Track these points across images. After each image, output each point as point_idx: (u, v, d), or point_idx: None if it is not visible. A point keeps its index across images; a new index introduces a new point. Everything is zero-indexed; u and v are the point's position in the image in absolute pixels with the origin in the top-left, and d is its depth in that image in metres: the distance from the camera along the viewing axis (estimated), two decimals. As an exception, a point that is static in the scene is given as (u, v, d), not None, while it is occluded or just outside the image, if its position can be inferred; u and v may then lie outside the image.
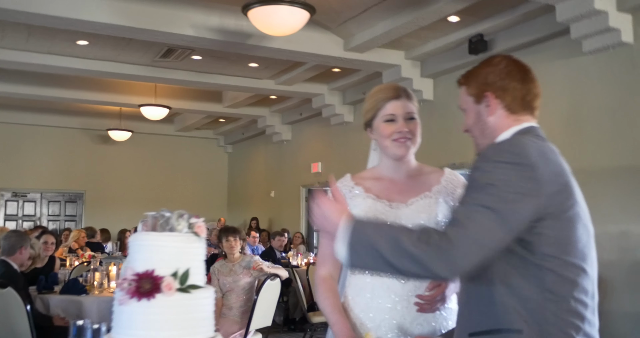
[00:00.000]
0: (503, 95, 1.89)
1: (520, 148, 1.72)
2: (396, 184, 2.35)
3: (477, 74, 1.95)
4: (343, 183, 2.38)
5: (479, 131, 1.94)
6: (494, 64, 1.93)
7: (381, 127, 2.32)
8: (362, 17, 7.47)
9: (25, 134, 14.27)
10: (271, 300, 5.76)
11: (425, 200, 2.30)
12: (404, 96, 2.33)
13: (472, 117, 1.95)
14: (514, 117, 1.89)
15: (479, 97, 1.92)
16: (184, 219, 1.92)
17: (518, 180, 1.66)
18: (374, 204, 2.28)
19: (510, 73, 1.90)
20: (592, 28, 6.18)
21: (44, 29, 7.84)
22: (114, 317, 1.87)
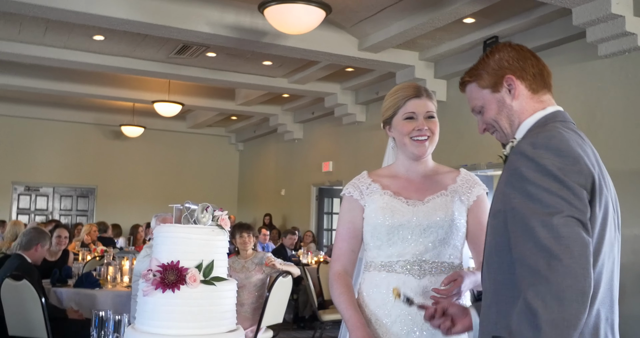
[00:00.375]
0: (524, 74, 1.85)
1: (558, 143, 1.64)
2: (413, 183, 2.37)
3: (485, 64, 1.90)
4: (360, 180, 2.41)
5: (506, 119, 1.86)
6: (501, 50, 1.89)
7: (401, 124, 2.35)
8: (378, 17, 7.48)
9: (39, 129, 14.36)
10: (283, 297, 5.78)
11: (442, 198, 2.32)
12: (424, 95, 2.37)
13: (494, 109, 1.87)
14: (536, 98, 1.85)
15: (497, 84, 1.86)
16: (208, 211, 1.94)
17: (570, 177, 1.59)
18: (391, 201, 2.31)
19: (520, 53, 1.87)
20: (608, 32, 6.17)
21: (61, 24, 7.89)
22: (138, 308, 1.90)
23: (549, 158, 1.60)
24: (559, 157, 1.60)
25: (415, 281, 2.23)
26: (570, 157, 1.61)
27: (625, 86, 6.42)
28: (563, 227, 1.52)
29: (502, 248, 1.69)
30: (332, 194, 13.11)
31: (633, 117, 6.32)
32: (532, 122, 1.81)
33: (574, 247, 1.50)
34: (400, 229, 2.27)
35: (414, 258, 2.25)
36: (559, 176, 1.57)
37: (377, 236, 2.30)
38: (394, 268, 2.26)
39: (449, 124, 8.75)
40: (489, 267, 1.77)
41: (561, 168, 1.59)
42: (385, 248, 2.29)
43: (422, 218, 2.26)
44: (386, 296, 2.24)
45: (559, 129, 1.71)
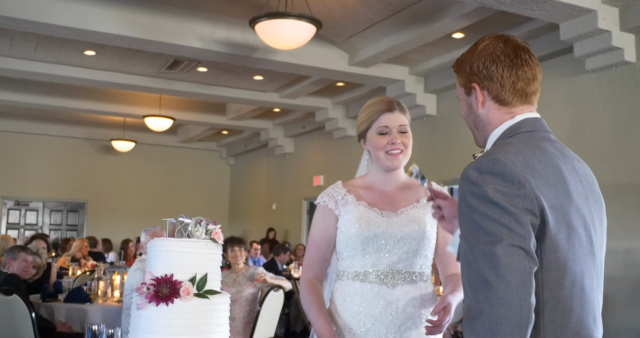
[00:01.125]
0: (490, 85, 1.71)
1: (502, 166, 1.57)
2: (386, 195, 2.42)
3: (465, 61, 1.77)
4: (335, 190, 2.46)
5: (472, 123, 1.81)
6: (479, 49, 1.74)
7: (375, 139, 2.40)
8: (368, 32, 7.55)
9: (29, 143, 14.33)
10: (274, 312, 5.77)
11: (415, 210, 2.37)
12: (397, 109, 2.41)
13: (465, 109, 1.81)
14: (505, 109, 1.72)
15: (467, 88, 1.77)
16: (202, 225, 1.96)
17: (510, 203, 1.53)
18: (366, 212, 2.35)
19: (495, 59, 1.70)
20: (595, 47, 6.25)
21: (53, 39, 7.92)
22: (132, 322, 1.91)
23: (493, 183, 1.54)
24: (503, 182, 1.54)
25: (389, 290, 2.28)
26: (515, 181, 1.54)
27: (613, 100, 6.49)
28: (502, 257, 1.47)
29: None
30: (323, 209, 13.09)
31: (621, 130, 6.39)
32: (499, 133, 1.73)
33: (510, 278, 1.46)
34: (375, 239, 2.31)
35: (388, 269, 2.30)
36: (500, 202, 1.52)
37: (351, 246, 2.33)
38: (367, 278, 2.30)
39: (440, 138, 8.80)
40: (464, 285, 1.69)
41: (504, 193, 1.53)
42: (359, 258, 2.32)
43: (396, 229, 2.32)
44: (360, 306, 2.28)
45: (510, 149, 1.62)
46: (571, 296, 1.58)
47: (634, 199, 6.16)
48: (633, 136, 6.27)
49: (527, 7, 5.71)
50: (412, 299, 2.29)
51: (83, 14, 6.89)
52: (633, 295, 6.04)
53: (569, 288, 1.58)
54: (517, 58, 1.70)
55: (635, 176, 6.20)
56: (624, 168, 6.30)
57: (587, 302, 1.62)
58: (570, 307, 1.57)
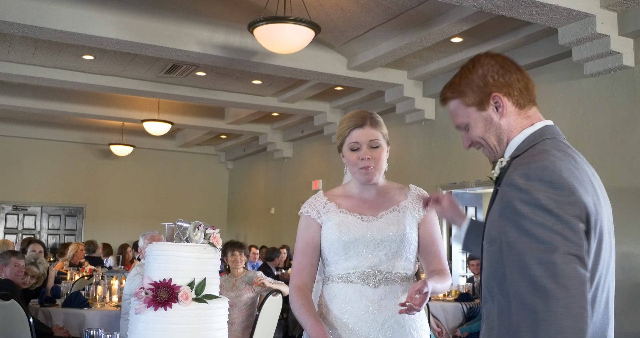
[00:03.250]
0: (510, 91, 1.77)
1: (551, 174, 1.59)
2: (366, 202, 2.50)
3: (468, 81, 1.80)
4: (316, 199, 2.55)
5: (494, 137, 1.80)
6: (484, 63, 1.80)
7: (347, 154, 2.47)
8: (366, 36, 7.56)
9: (27, 148, 14.30)
10: (273, 316, 5.76)
11: (394, 214, 2.45)
12: (368, 123, 2.45)
13: (481, 127, 1.80)
14: (523, 113, 1.79)
15: (484, 102, 1.78)
16: (200, 230, 1.95)
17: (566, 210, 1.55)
18: (347, 218, 2.44)
19: (504, 66, 1.79)
20: (593, 51, 6.26)
21: (51, 44, 7.91)
22: (130, 326, 1.90)
23: (543, 191, 1.55)
24: (553, 189, 1.56)
25: (371, 290, 2.35)
26: (565, 189, 1.56)
27: (612, 104, 6.50)
28: (560, 265, 1.48)
29: (500, 277, 1.63)
30: (321, 213, 13.09)
31: (620, 135, 6.39)
32: (521, 140, 1.76)
33: (571, 286, 1.47)
34: (356, 243, 2.39)
35: (370, 270, 2.37)
36: (553, 210, 1.53)
37: (334, 251, 2.42)
38: (350, 279, 2.38)
39: (438, 143, 8.80)
40: (490, 291, 1.70)
41: (556, 200, 1.54)
42: (342, 262, 2.40)
43: (375, 232, 2.39)
44: (344, 305, 2.36)
45: (552, 156, 1.65)
46: (594, 299, 1.61)
47: (632, 203, 6.15)
48: (631, 141, 6.27)
49: (526, 11, 5.72)
50: (395, 298, 2.35)
51: (81, 18, 6.89)
52: (632, 300, 6.03)
53: (593, 292, 1.61)
54: (515, 64, 1.81)
55: (633, 181, 6.20)
56: (623, 172, 6.30)
57: (605, 305, 1.66)
58: (591, 312, 1.58)
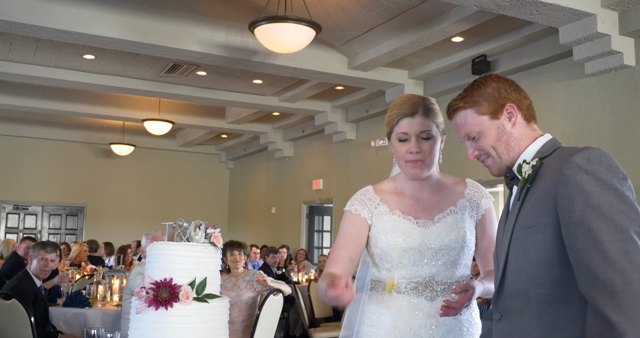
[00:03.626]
0: (520, 104, 1.91)
1: (609, 159, 1.71)
2: (420, 201, 2.28)
3: (482, 91, 1.91)
4: (366, 196, 2.30)
5: (505, 146, 1.91)
6: (495, 80, 1.94)
7: (395, 145, 2.26)
8: (367, 36, 7.55)
9: (28, 147, 14.30)
10: (273, 316, 5.76)
11: (452, 216, 2.24)
12: (420, 112, 2.21)
13: (494, 135, 1.90)
14: (530, 126, 1.93)
15: (498, 111, 1.90)
16: (201, 229, 1.95)
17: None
18: (401, 222, 2.22)
19: (513, 85, 1.94)
20: (594, 51, 6.25)
21: (52, 43, 7.92)
22: (131, 326, 1.90)
23: (605, 173, 1.66)
24: (613, 173, 1.67)
25: (428, 303, 2.17)
26: (621, 173, 1.70)
27: (612, 104, 6.49)
28: (630, 243, 1.56)
29: (550, 262, 1.70)
30: (322, 212, 13.11)
31: (620, 134, 6.38)
32: (540, 145, 1.89)
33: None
34: (411, 252, 2.18)
35: (425, 281, 2.19)
36: (618, 190, 1.64)
37: (386, 259, 2.21)
38: (405, 290, 2.18)
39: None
40: (531, 282, 1.74)
41: (618, 182, 1.66)
42: (395, 270, 2.20)
43: (433, 240, 2.18)
44: (397, 319, 2.16)
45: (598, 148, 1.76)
46: None
47: (633, 202, 6.15)
48: (632, 140, 6.26)
49: (527, 11, 5.72)
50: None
51: (82, 17, 6.89)
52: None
53: None
54: (520, 87, 1.96)
55: (634, 180, 6.17)
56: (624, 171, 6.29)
57: None
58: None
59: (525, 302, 1.75)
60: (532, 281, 1.74)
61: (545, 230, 1.71)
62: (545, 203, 1.72)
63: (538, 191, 1.76)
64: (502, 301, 1.82)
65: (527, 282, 1.75)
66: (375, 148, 10.39)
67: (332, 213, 11.93)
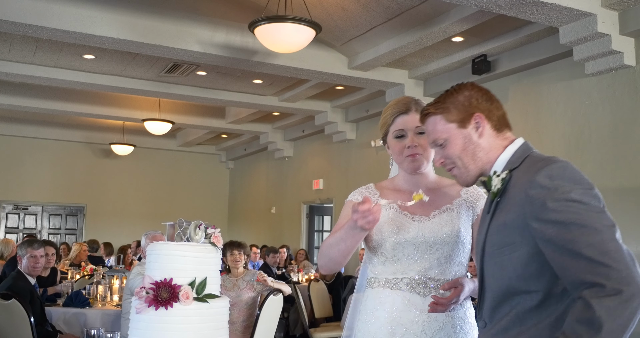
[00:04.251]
0: (490, 115, 1.91)
1: (572, 171, 1.72)
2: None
3: (454, 99, 1.94)
4: (368, 190, 2.38)
5: (471, 156, 1.92)
6: (469, 89, 1.95)
7: (392, 143, 2.32)
8: (367, 36, 7.55)
9: (28, 147, 14.30)
10: (273, 316, 5.76)
11: (448, 213, 2.28)
12: (413, 109, 2.30)
13: (460, 144, 1.92)
14: (501, 136, 1.93)
15: (466, 120, 1.91)
16: (201, 229, 1.95)
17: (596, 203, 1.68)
18: (397, 216, 2.26)
19: (486, 95, 1.94)
20: (595, 50, 6.25)
21: (52, 43, 7.92)
22: (131, 326, 1.90)
23: (569, 187, 1.67)
24: (577, 184, 1.68)
25: (421, 299, 2.20)
26: (586, 183, 1.70)
27: (613, 104, 6.49)
28: (608, 242, 1.60)
29: (529, 277, 1.74)
30: (322, 212, 13.11)
31: (621, 134, 6.38)
32: (509, 155, 1.89)
33: (625, 259, 1.59)
34: (406, 245, 2.23)
35: (419, 275, 2.22)
36: (582, 200, 1.65)
37: (381, 251, 2.26)
38: (398, 285, 2.22)
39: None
40: (511, 294, 1.78)
41: (582, 193, 1.67)
42: (389, 264, 2.25)
43: (427, 234, 2.22)
44: (390, 314, 2.20)
45: (559, 159, 1.77)
46: None
47: (633, 203, 6.15)
48: (633, 140, 6.26)
49: (527, 10, 5.71)
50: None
51: (82, 17, 6.88)
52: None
53: None
54: (494, 96, 1.97)
55: (635, 180, 6.20)
56: (624, 171, 6.29)
57: None
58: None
59: (506, 313, 1.79)
60: (511, 294, 1.78)
61: (521, 249, 1.74)
62: (516, 222, 1.75)
63: (508, 208, 1.78)
64: (485, 311, 1.87)
65: (507, 295, 1.79)
66: (375, 148, 10.39)
67: (332, 213, 11.93)
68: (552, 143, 7.03)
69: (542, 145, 7.13)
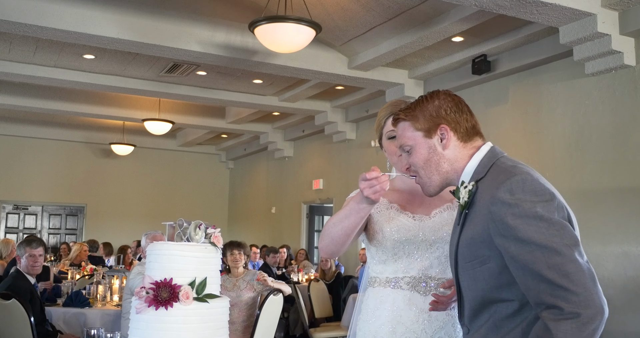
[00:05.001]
0: (457, 127, 1.90)
1: (532, 184, 1.72)
2: (417, 196, 2.33)
3: (423, 107, 1.94)
4: None
5: (434, 166, 1.92)
6: (440, 98, 1.94)
7: (386, 145, 2.35)
8: (367, 36, 7.55)
9: (28, 147, 14.31)
10: (273, 316, 5.76)
11: (449, 212, 2.29)
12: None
13: (424, 153, 1.92)
14: (467, 145, 1.91)
15: (432, 130, 1.91)
16: (201, 229, 1.95)
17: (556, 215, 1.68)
18: (397, 215, 2.28)
19: (458, 106, 1.93)
20: (595, 50, 6.25)
21: (52, 43, 7.92)
22: (131, 326, 1.90)
23: (529, 201, 1.67)
24: (537, 196, 1.68)
25: (421, 298, 2.21)
26: (547, 194, 1.69)
27: (613, 104, 6.49)
28: (568, 264, 1.60)
29: (501, 287, 1.75)
30: (322, 212, 13.11)
31: (621, 134, 6.38)
32: (475, 164, 1.88)
33: (585, 280, 1.59)
34: (406, 243, 2.24)
35: (420, 274, 2.23)
36: (543, 215, 1.65)
37: (382, 250, 2.27)
38: (399, 284, 2.24)
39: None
40: (487, 303, 1.80)
41: (543, 207, 1.66)
42: (390, 263, 2.26)
43: (428, 233, 2.24)
44: (391, 313, 2.22)
45: (523, 169, 1.77)
46: None
47: (634, 203, 6.15)
48: (633, 140, 6.26)
49: (527, 10, 5.71)
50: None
51: (82, 17, 6.88)
52: (632, 299, 6.03)
53: None
54: (467, 106, 1.95)
55: (635, 180, 6.19)
56: (624, 171, 6.29)
57: None
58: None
59: (485, 320, 1.81)
60: (488, 303, 1.79)
61: (490, 261, 1.75)
62: (483, 236, 1.75)
63: (475, 221, 1.78)
64: (465, 318, 1.89)
65: (483, 304, 1.81)
66: (375, 147, 10.39)
67: (332, 213, 11.93)
68: (552, 143, 7.03)
69: (542, 145, 7.13)
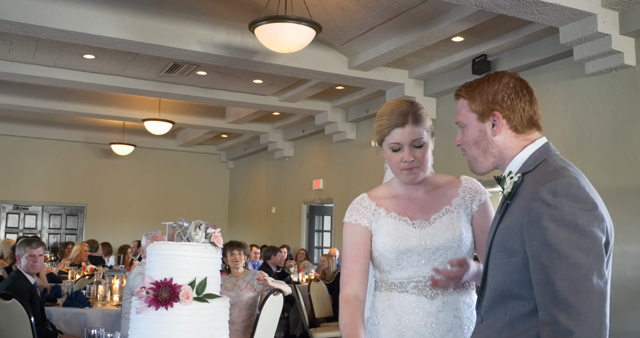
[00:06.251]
0: (511, 115, 1.85)
1: (577, 189, 1.68)
2: (415, 201, 2.31)
3: (482, 89, 1.88)
4: (362, 205, 2.34)
5: (482, 149, 1.90)
6: (502, 82, 1.87)
7: (388, 154, 2.29)
8: (367, 36, 7.55)
9: (28, 147, 14.31)
10: (274, 316, 5.76)
11: (448, 216, 2.26)
12: (410, 121, 2.23)
13: (474, 135, 1.90)
14: (522, 136, 1.86)
15: (485, 115, 1.87)
16: (201, 229, 1.95)
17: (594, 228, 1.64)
18: (397, 224, 2.25)
19: (518, 93, 1.86)
20: (595, 50, 6.25)
21: (52, 43, 7.92)
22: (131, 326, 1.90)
23: (570, 206, 1.63)
24: (580, 203, 1.64)
25: (428, 302, 2.20)
26: (589, 203, 1.65)
27: (613, 104, 6.49)
28: (582, 281, 1.57)
29: (522, 284, 1.73)
30: (322, 212, 13.11)
31: (621, 134, 6.38)
32: (525, 157, 1.84)
33: (592, 301, 1.56)
34: (409, 253, 2.22)
35: (425, 280, 2.22)
36: (579, 225, 1.61)
37: (385, 261, 2.25)
38: (405, 288, 2.23)
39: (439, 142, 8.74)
40: (507, 298, 1.78)
41: (582, 216, 1.63)
42: (395, 271, 2.24)
43: (429, 240, 2.21)
44: (398, 318, 2.21)
45: (572, 172, 1.73)
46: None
47: (634, 203, 6.15)
48: (633, 140, 6.26)
49: (527, 10, 5.71)
50: (453, 309, 2.21)
51: (82, 17, 6.88)
52: (633, 299, 6.03)
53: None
54: (532, 96, 1.89)
55: (635, 180, 6.19)
56: (624, 171, 6.29)
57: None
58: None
59: (502, 314, 1.79)
60: (506, 297, 1.78)
61: (517, 256, 1.73)
62: (516, 229, 1.73)
63: (513, 214, 1.76)
64: (483, 307, 1.87)
65: (502, 297, 1.79)
66: (376, 147, 10.38)
67: (332, 213, 11.93)
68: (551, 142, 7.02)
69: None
